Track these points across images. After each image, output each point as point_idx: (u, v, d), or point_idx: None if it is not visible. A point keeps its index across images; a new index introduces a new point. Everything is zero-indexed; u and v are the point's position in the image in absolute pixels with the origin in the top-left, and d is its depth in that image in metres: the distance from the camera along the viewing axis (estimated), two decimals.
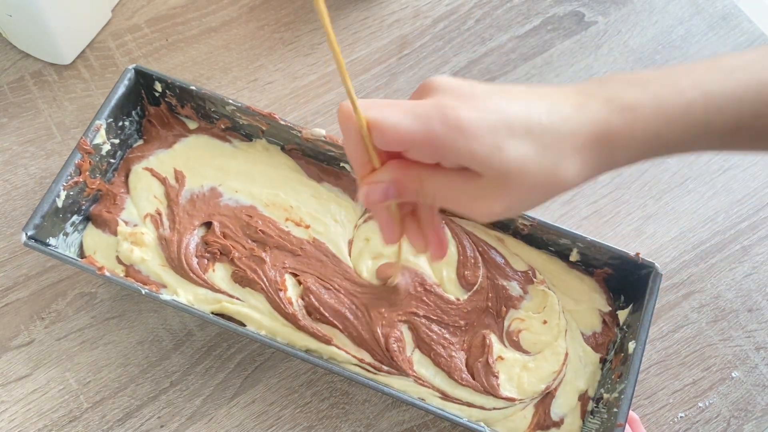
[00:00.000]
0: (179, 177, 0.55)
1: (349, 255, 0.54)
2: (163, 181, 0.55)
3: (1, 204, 0.57)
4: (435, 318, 0.52)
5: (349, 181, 0.57)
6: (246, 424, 0.52)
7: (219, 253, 0.52)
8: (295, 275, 0.52)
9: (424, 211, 0.38)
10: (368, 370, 0.50)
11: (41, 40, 0.61)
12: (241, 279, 0.52)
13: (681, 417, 0.55)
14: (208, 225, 0.54)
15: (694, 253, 0.61)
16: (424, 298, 0.53)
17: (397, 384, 0.50)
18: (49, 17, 0.57)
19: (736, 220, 0.62)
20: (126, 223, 0.53)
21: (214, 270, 0.52)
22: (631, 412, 0.47)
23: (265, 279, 0.51)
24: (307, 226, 0.54)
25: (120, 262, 0.52)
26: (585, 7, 0.71)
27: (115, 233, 0.53)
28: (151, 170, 0.55)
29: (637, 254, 0.52)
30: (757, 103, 0.34)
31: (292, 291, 0.52)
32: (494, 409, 0.50)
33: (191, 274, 0.51)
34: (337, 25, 0.68)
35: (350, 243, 0.54)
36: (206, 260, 0.52)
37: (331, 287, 0.52)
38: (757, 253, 0.61)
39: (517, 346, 0.52)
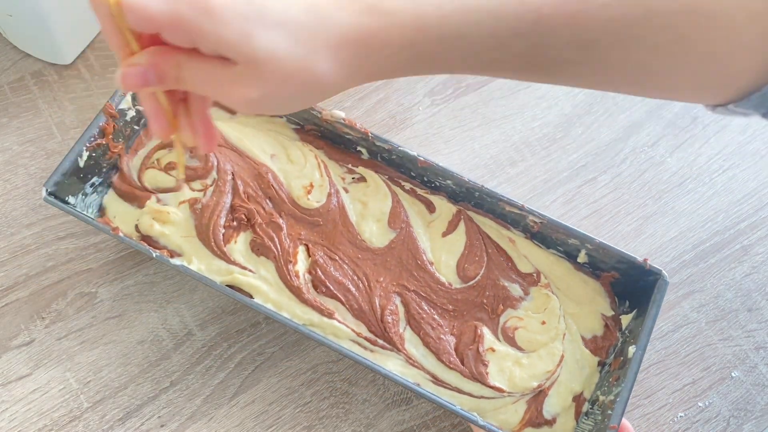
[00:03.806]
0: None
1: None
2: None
3: (1, 204, 0.57)
4: (424, 295, 0.53)
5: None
6: (246, 423, 0.52)
7: (245, 219, 0.53)
8: (307, 246, 0.54)
9: (195, 100, 0.37)
10: (365, 347, 0.51)
11: (41, 40, 0.61)
12: (258, 247, 0.53)
13: (681, 416, 0.55)
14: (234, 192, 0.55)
15: (694, 252, 0.61)
16: (414, 272, 0.54)
17: (390, 364, 0.51)
18: (49, 17, 0.57)
19: (736, 220, 0.63)
20: (159, 200, 0.54)
21: (236, 242, 0.53)
22: (624, 420, 0.47)
23: (279, 247, 0.52)
24: (310, 191, 0.55)
25: (138, 230, 0.53)
26: None
27: (140, 207, 0.54)
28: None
29: (645, 260, 0.52)
30: (516, 21, 0.33)
31: (301, 264, 0.53)
32: (482, 397, 0.50)
33: (212, 244, 0.52)
34: None
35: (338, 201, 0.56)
36: (232, 230, 0.53)
37: (337, 257, 0.53)
38: (757, 252, 0.61)
39: (511, 341, 0.53)
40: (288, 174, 0.56)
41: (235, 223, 0.53)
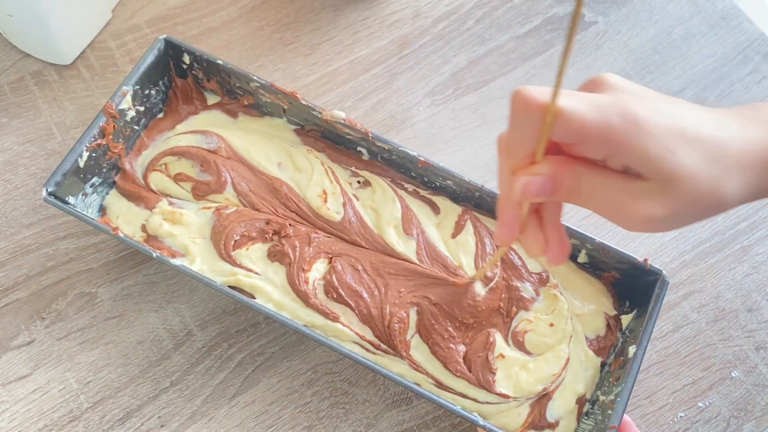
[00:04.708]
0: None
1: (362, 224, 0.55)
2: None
3: (1, 204, 0.57)
4: (446, 309, 0.52)
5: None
6: (246, 424, 0.52)
7: (272, 232, 0.53)
8: (330, 258, 0.53)
9: (550, 210, 0.36)
10: (367, 349, 0.50)
11: (41, 40, 0.61)
12: (276, 254, 0.52)
13: (681, 417, 0.55)
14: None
15: (694, 253, 0.61)
16: (439, 285, 0.52)
17: (394, 368, 0.50)
18: (49, 17, 0.57)
19: (736, 220, 0.63)
20: (171, 203, 0.54)
21: (248, 249, 0.53)
22: (626, 416, 0.47)
23: (298, 256, 0.52)
24: (325, 199, 0.55)
25: (144, 230, 0.53)
26: (585, 8, 0.71)
27: (148, 208, 0.54)
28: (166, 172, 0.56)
29: (645, 260, 0.52)
30: None
31: (316, 273, 0.52)
32: (487, 403, 0.50)
33: (221, 246, 0.52)
34: (336, 25, 0.68)
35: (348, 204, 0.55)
36: (248, 238, 0.53)
37: (359, 267, 0.52)
38: (757, 253, 0.61)
39: (520, 346, 0.52)
40: (299, 183, 0.55)
41: (255, 234, 0.53)
